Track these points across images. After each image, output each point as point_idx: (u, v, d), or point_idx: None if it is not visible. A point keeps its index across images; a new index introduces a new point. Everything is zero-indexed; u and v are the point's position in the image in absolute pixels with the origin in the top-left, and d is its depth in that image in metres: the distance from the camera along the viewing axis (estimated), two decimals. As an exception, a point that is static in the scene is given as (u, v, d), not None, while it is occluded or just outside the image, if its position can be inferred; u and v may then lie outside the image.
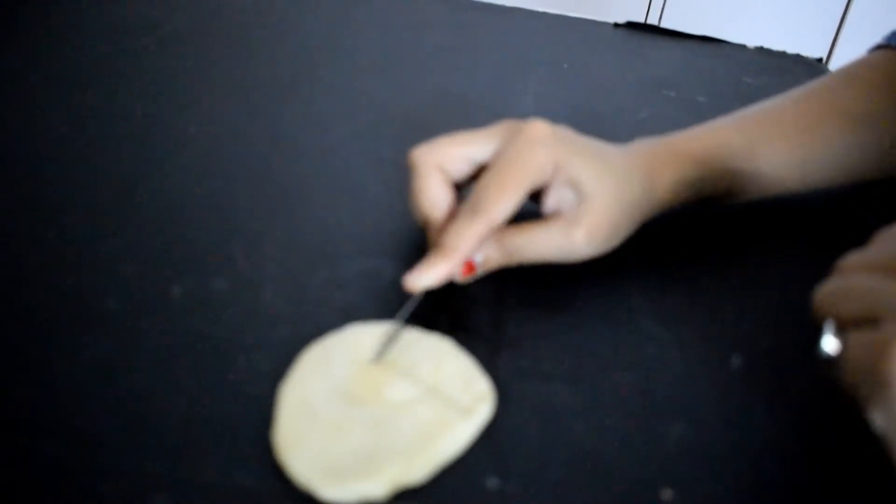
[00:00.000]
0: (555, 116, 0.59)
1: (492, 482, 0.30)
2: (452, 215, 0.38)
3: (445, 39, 0.70)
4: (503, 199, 0.36)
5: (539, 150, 0.37)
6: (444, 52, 0.67)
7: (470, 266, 0.37)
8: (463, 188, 0.40)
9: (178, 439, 0.30)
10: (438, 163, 0.38)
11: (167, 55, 0.60)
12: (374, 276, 0.40)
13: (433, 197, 0.38)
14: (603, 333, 0.37)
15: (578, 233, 0.37)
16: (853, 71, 0.49)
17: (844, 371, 0.28)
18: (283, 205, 0.44)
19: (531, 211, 0.39)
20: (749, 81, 0.70)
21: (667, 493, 0.30)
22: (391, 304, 0.38)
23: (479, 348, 0.35)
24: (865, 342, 0.27)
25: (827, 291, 0.30)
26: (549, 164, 0.37)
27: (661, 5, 2.18)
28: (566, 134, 0.39)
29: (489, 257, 0.37)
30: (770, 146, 0.45)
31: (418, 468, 0.29)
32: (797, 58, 0.78)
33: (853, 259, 0.30)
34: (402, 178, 0.48)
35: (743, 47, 0.78)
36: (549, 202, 0.38)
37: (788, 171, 0.45)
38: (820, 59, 0.78)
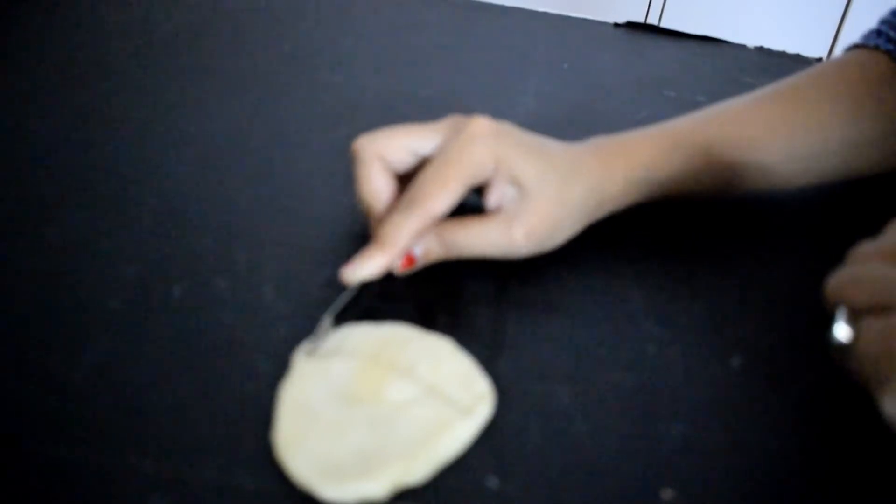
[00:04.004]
0: (555, 116, 0.59)
1: (492, 482, 0.30)
2: (393, 204, 0.39)
3: (445, 39, 0.70)
4: (441, 194, 0.36)
5: (480, 146, 0.37)
6: (444, 52, 0.67)
7: (409, 259, 0.37)
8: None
9: (178, 439, 0.30)
10: (379, 152, 0.39)
11: (167, 55, 0.60)
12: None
13: (373, 186, 0.38)
14: (603, 333, 0.37)
15: (517, 231, 0.37)
16: (830, 73, 0.48)
17: (856, 358, 0.28)
18: (283, 205, 0.44)
19: (477, 205, 0.39)
20: (749, 81, 0.70)
21: (667, 493, 0.30)
22: (391, 304, 0.38)
23: (479, 348, 0.35)
24: (878, 330, 0.28)
25: (840, 279, 0.30)
26: (489, 160, 0.37)
27: (661, 5, 2.18)
28: (509, 130, 0.39)
29: (428, 250, 0.38)
30: (777, 131, 0.44)
31: (418, 468, 0.29)
32: (797, 58, 0.78)
33: (866, 247, 0.30)
34: (402, 178, 0.48)
35: (743, 47, 0.78)
36: (492, 198, 0.38)
37: (793, 160, 0.45)
38: (820, 59, 0.78)
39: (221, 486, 0.28)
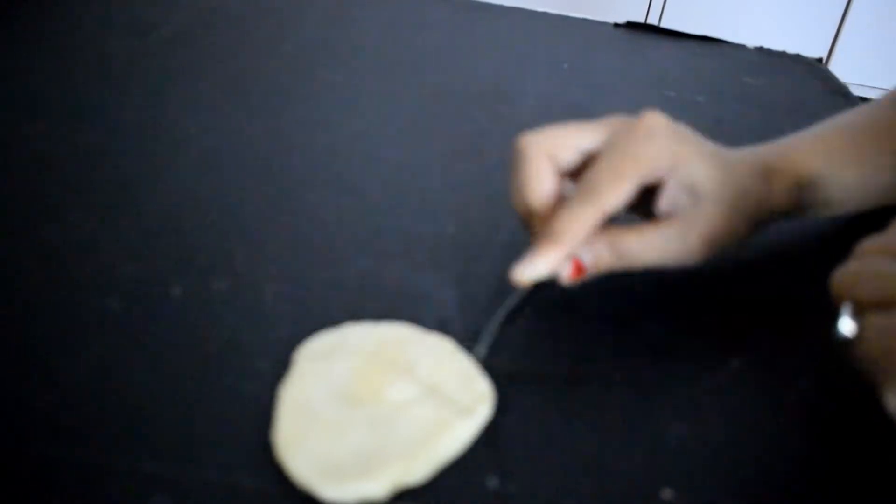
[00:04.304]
0: (555, 116, 0.59)
1: (492, 482, 0.30)
2: (557, 206, 0.36)
3: (445, 39, 0.70)
4: (617, 187, 0.34)
5: (657, 142, 0.35)
6: (444, 52, 0.67)
7: (579, 267, 0.35)
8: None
9: (178, 439, 0.30)
10: (548, 150, 0.36)
11: (167, 55, 0.60)
12: (374, 276, 0.40)
13: (540, 185, 0.36)
14: (603, 333, 0.37)
15: (695, 237, 0.35)
16: None
17: (860, 353, 0.28)
18: (283, 205, 0.44)
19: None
20: (749, 81, 0.70)
21: (667, 493, 0.30)
22: (391, 304, 0.38)
23: (478, 350, 0.35)
24: (883, 325, 0.28)
25: (845, 274, 0.30)
26: (665, 157, 0.35)
27: (661, 5, 2.18)
28: (683, 130, 0.37)
29: (599, 258, 0.35)
30: (848, 167, 0.42)
31: (418, 468, 0.29)
32: (797, 58, 0.78)
33: (872, 243, 0.30)
34: (403, 178, 0.48)
35: (743, 47, 0.78)
36: (663, 203, 0.36)
37: (857, 193, 0.43)
38: (820, 59, 0.78)
39: (221, 486, 0.28)
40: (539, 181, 0.36)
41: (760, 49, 0.78)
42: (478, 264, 0.41)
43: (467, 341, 0.35)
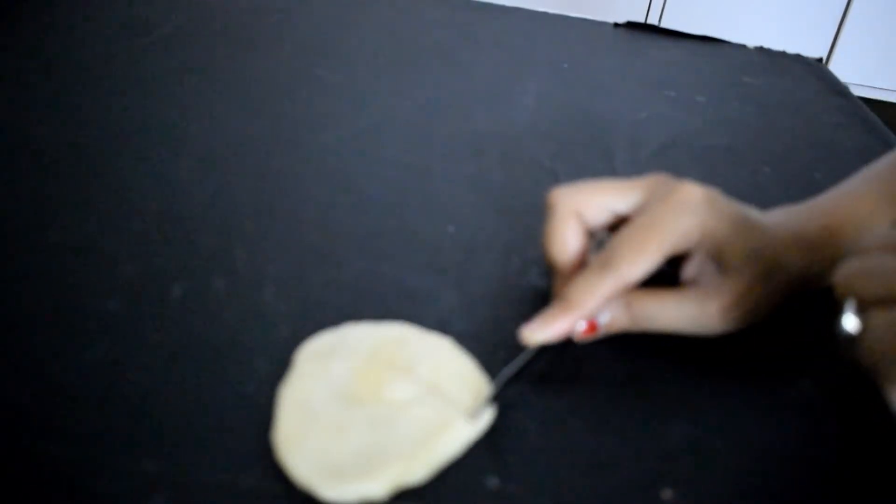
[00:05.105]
0: (555, 116, 0.59)
1: (492, 482, 0.30)
2: (581, 263, 0.37)
3: (445, 39, 0.70)
4: (639, 259, 0.33)
5: (688, 216, 0.34)
6: (444, 52, 0.67)
7: (593, 326, 0.35)
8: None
9: (178, 439, 0.30)
10: (577, 209, 0.36)
11: (167, 55, 0.60)
12: (374, 276, 0.40)
13: (565, 242, 0.36)
14: (603, 333, 0.37)
15: (714, 308, 0.34)
16: None
17: (864, 350, 0.28)
18: (283, 205, 0.44)
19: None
20: (749, 81, 0.70)
21: (667, 493, 0.30)
22: (391, 304, 0.38)
23: (479, 348, 0.35)
24: (886, 322, 0.28)
25: (849, 271, 0.30)
26: (695, 231, 0.34)
27: (661, 5, 2.18)
28: (719, 200, 0.36)
29: (615, 320, 0.35)
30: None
31: (418, 468, 0.29)
32: (797, 58, 0.78)
33: (876, 239, 0.30)
34: (403, 178, 0.48)
35: (743, 47, 0.78)
36: (688, 271, 0.36)
37: None
38: (820, 59, 0.78)
39: (221, 486, 0.28)
40: (564, 239, 0.36)
41: (760, 49, 0.78)
42: (478, 264, 0.41)
43: (467, 341, 0.35)
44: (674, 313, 0.35)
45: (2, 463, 0.28)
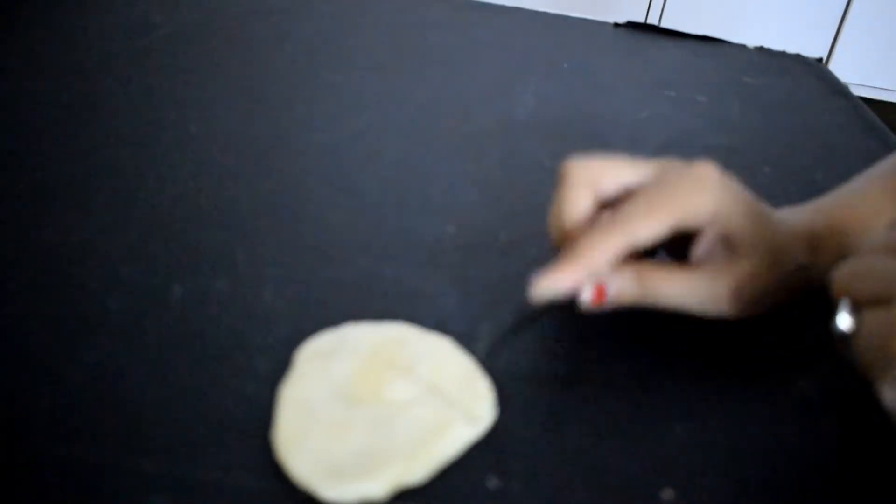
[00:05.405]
0: (555, 116, 0.59)
1: (492, 482, 0.30)
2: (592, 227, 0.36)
3: (445, 39, 0.70)
4: (650, 221, 0.34)
5: (702, 192, 0.35)
6: (444, 52, 0.67)
7: (601, 292, 0.34)
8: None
9: (178, 439, 0.30)
10: (590, 179, 0.36)
11: (167, 55, 0.60)
12: (374, 276, 0.40)
13: (576, 210, 0.36)
14: (603, 334, 0.37)
15: (724, 288, 0.35)
16: None
17: (857, 348, 0.29)
18: (283, 205, 0.44)
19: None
20: (749, 81, 0.70)
21: (667, 493, 0.30)
22: (391, 304, 0.38)
23: (479, 348, 0.35)
24: (880, 321, 0.28)
25: (846, 270, 0.30)
26: (707, 208, 0.34)
27: (661, 5, 2.18)
28: (734, 184, 0.36)
29: (623, 290, 0.35)
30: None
31: (418, 468, 0.29)
32: (797, 58, 0.78)
33: (873, 240, 0.30)
34: (403, 178, 0.48)
35: (743, 47, 0.78)
36: (699, 250, 0.36)
37: None
38: (820, 59, 0.78)
39: (221, 486, 0.28)
40: (575, 206, 0.36)
41: (760, 49, 0.78)
42: (478, 264, 0.41)
43: (467, 341, 0.35)
44: (683, 289, 0.35)
45: (2, 463, 0.28)
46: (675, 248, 0.37)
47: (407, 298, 0.38)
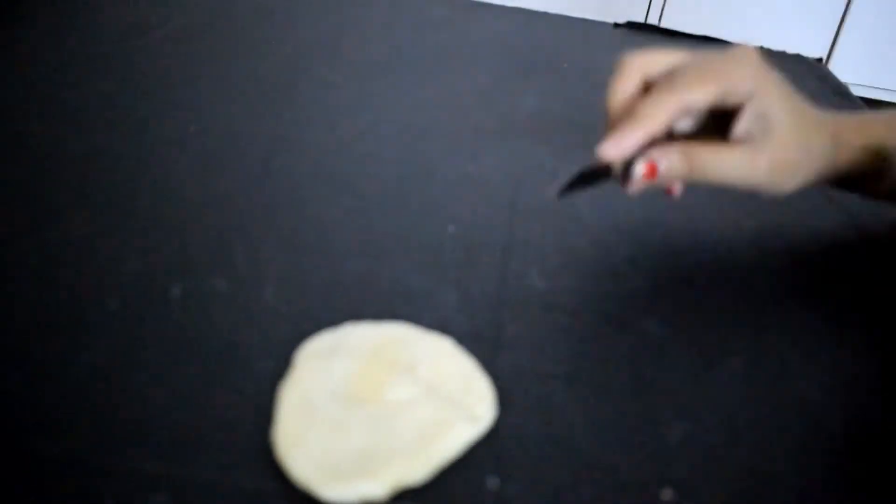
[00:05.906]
0: (555, 116, 0.59)
1: (492, 482, 0.30)
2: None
3: (445, 39, 0.70)
4: (702, 87, 0.37)
5: (746, 67, 0.38)
6: (444, 52, 0.67)
7: (652, 169, 0.37)
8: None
9: (178, 439, 0.30)
10: (643, 66, 0.40)
11: (167, 55, 0.60)
12: (374, 276, 0.40)
13: (625, 88, 0.39)
14: (603, 333, 0.37)
15: (763, 161, 0.38)
16: None
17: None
18: (283, 205, 0.44)
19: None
20: (749, 81, 0.70)
21: (667, 493, 0.30)
22: (391, 304, 0.38)
23: (479, 348, 0.35)
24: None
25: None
26: (749, 82, 0.38)
27: (661, 5, 2.18)
28: (771, 70, 0.39)
29: (672, 165, 0.38)
30: None
31: (418, 468, 0.29)
32: (797, 58, 0.78)
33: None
34: (403, 178, 0.48)
35: (743, 47, 0.78)
36: (739, 128, 0.38)
37: None
38: (820, 59, 0.78)
39: (221, 486, 0.28)
40: (625, 86, 0.39)
41: (760, 49, 0.78)
42: (478, 264, 0.41)
43: (467, 341, 0.35)
44: (727, 163, 0.38)
45: (2, 463, 0.28)
46: (714, 135, 0.40)
47: (407, 298, 0.38)
